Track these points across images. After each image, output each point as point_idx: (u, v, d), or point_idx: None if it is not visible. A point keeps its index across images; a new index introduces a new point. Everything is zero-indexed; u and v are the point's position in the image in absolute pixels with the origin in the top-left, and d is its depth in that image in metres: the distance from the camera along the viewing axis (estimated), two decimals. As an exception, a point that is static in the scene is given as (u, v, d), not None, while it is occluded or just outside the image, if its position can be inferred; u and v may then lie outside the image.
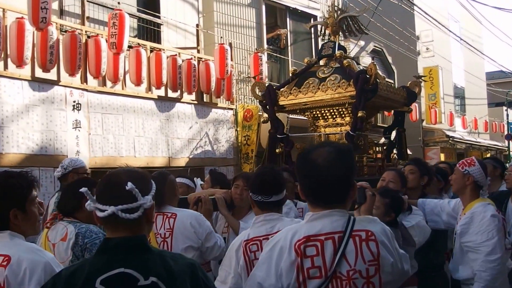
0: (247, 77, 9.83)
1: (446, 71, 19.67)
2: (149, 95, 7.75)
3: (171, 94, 8.08)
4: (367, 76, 5.56)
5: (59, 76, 6.50)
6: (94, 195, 1.66)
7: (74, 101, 6.61)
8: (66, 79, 6.58)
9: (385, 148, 6.45)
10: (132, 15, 8.13)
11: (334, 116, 6.01)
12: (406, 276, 2.02)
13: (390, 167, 5.50)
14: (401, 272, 1.92)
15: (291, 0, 11.87)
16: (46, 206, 4.10)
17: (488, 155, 20.33)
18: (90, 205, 1.65)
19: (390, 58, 16.69)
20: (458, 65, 21.58)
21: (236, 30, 10.53)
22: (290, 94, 6.06)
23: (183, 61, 8.18)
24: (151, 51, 7.80)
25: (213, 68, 8.49)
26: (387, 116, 14.32)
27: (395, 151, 6.43)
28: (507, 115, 25.39)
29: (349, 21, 6.37)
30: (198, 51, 9.06)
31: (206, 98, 8.88)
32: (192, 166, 8.11)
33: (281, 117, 6.50)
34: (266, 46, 10.94)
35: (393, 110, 6.93)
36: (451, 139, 18.46)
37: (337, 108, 5.88)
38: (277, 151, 6.10)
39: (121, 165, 1.84)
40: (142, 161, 7.30)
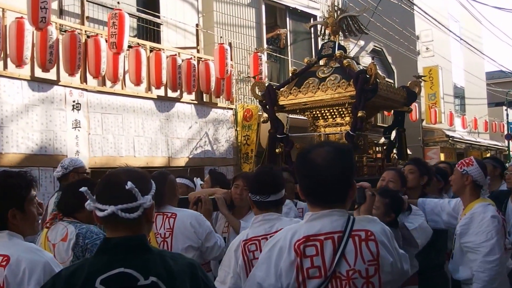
0: (247, 77, 9.82)
1: (446, 71, 19.67)
2: (148, 95, 7.74)
3: (170, 94, 8.08)
4: (367, 76, 5.55)
5: (58, 76, 6.50)
6: (94, 195, 1.66)
7: (74, 101, 6.61)
8: (66, 79, 6.57)
9: (385, 148, 6.45)
10: (132, 15, 8.12)
11: (334, 116, 6.01)
12: (406, 276, 2.02)
13: (390, 167, 5.50)
14: (400, 272, 1.92)
15: (291, 0, 11.86)
16: (46, 206, 4.10)
17: (488, 155, 20.33)
18: (90, 204, 1.66)
19: (390, 58, 16.68)
20: (458, 65, 21.57)
21: (236, 30, 10.53)
22: (290, 94, 6.05)
23: (182, 61, 8.18)
24: (150, 51, 7.80)
25: (212, 68, 8.49)
26: (387, 116, 14.31)
27: (395, 151, 6.42)
28: (507, 115, 25.40)
29: (349, 21, 6.36)
30: (198, 51, 9.06)
31: (205, 98, 8.88)
32: (191, 166, 8.11)
33: (281, 117, 6.49)
34: (265, 46, 10.93)
35: (393, 110, 6.93)
36: (451, 139, 18.46)
37: (337, 108, 5.87)
38: (277, 151, 6.09)
39: (121, 165, 1.84)
40: (141, 161, 7.30)
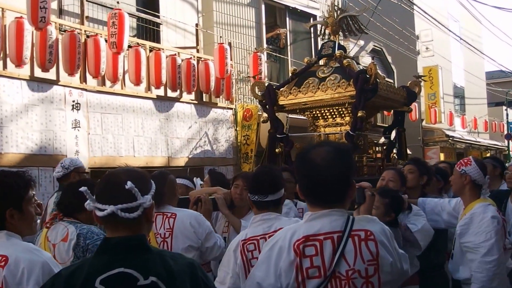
0: (247, 77, 9.82)
1: (446, 71, 19.67)
2: (148, 95, 7.74)
3: (170, 93, 8.07)
4: (367, 76, 5.55)
5: (58, 76, 6.50)
6: (94, 195, 1.67)
7: (73, 101, 6.60)
8: (65, 79, 6.57)
9: (385, 148, 6.45)
10: (131, 15, 8.12)
11: (334, 116, 6.01)
12: (406, 276, 2.02)
13: (389, 167, 5.50)
14: (400, 272, 1.92)
15: (290, 0, 11.86)
16: (45, 206, 4.10)
17: (487, 155, 20.34)
18: (89, 204, 1.66)
19: (390, 58, 16.67)
20: (458, 65, 21.56)
21: (236, 29, 10.52)
22: (290, 93, 6.05)
23: (182, 60, 8.17)
24: (150, 51, 7.79)
25: (212, 67, 8.48)
26: (386, 115, 14.32)
27: (395, 151, 6.43)
28: (507, 114, 25.41)
29: (349, 21, 6.36)
30: (198, 51, 9.05)
31: (205, 97, 8.88)
32: (191, 166, 8.10)
33: (280, 117, 6.49)
34: (265, 45, 10.92)
35: (392, 110, 6.93)
36: (450, 138, 18.46)
37: (337, 108, 5.87)
38: (276, 151, 6.09)
39: (121, 165, 1.84)
40: (141, 161, 7.29)
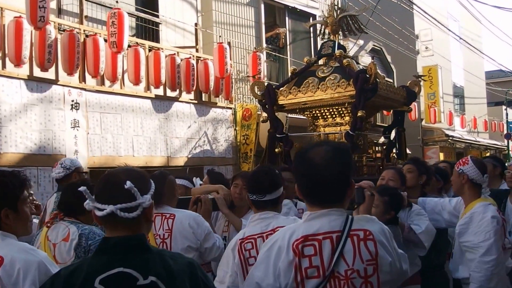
0: (246, 76, 9.81)
1: (446, 70, 19.67)
2: (147, 94, 7.73)
3: (169, 93, 8.07)
4: (367, 75, 5.55)
5: (57, 75, 6.49)
6: (93, 195, 1.66)
7: (73, 100, 6.59)
8: (65, 78, 6.56)
9: (384, 147, 6.45)
10: (131, 14, 8.11)
11: (334, 116, 6.01)
12: (405, 276, 2.02)
13: (389, 166, 5.50)
14: (399, 271, 1.91)
15: (290, -1, 11.87)
16: (44, 206, 4.10)
17: (487, 154, 20.35)
18: (89, 204, 1.66)
19: (389, 57, 16.67)
20: (458, 64, 21.56)
21: (235, 29, 10.52)
22: (290, 93, 6.05)
23: (181, 60, 8.16)
24: (149, 50, 7.78)
25: (211, 67, 8.48)
26: (386, 115, 14.31)
27: (394, 151, 6.43)
28: (507, 114, 25.41)
29: (348, 20, 6.36)
30: (197, 50, 9.05)
31: (205, 97, 8.87)
32: (191, 165, 8.10)
33: (280, 117, 6.49)
34: (265, 45, 10.91)
35: (392, 109, 6.93)
36: (450, 138, 18.47)
37: (336, 107, 5.87)
38: (276, 150, 6.09)
39: (120, 165, 1.84)
40: (140, 161, 7.29)
